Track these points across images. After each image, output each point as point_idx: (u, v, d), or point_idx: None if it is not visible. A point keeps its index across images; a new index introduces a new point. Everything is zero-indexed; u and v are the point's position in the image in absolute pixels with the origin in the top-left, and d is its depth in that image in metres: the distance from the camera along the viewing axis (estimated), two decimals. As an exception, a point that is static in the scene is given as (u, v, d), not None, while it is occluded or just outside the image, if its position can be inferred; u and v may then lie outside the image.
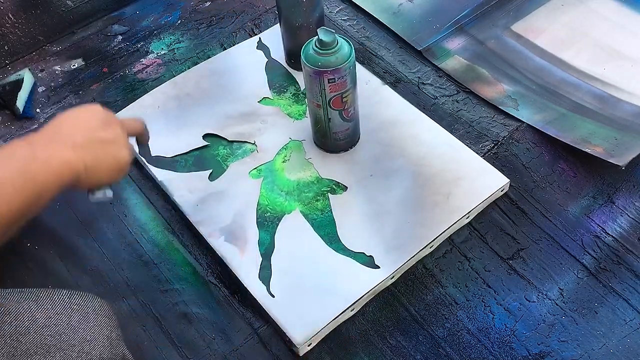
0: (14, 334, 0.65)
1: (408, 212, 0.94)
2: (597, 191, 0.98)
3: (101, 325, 0.70)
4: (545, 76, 1.11)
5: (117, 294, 0.92)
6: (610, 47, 1.13)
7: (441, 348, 0.85)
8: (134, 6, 1.31)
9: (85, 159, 0.73)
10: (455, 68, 1.13)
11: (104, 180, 0.78)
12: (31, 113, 1.15)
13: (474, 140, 1.04)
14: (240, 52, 1.17)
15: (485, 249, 0.93)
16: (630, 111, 1.05)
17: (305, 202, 0.96)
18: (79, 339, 0.67)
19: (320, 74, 0.90)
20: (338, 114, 0.95)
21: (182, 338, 0.88)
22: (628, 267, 0.90)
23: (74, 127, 0.75)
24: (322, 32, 0.88)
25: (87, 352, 0.67)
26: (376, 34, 1.20)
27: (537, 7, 1.21)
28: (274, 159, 1.01)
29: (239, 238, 0.93)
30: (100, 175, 0.76)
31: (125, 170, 0.80)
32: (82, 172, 0.73)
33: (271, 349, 0.86)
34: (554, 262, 0.91)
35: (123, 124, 0.81)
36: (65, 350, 0.65)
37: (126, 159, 0.79)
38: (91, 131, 0.76)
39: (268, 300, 0.88)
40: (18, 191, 0.65)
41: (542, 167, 1.01)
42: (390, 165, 0.99)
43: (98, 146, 0.75)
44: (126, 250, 0.97)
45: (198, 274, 0.94)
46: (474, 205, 0.94)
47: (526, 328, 0.86)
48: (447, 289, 0.90)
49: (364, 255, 0.90)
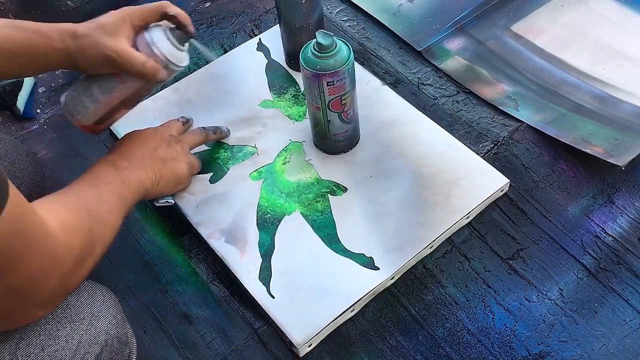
0: None
1: (408, 212, 0.94)
2: (597, 191, 0.98)
3: (107, 305, 0.74)
4: (545, 76, 1.11)
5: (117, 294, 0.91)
6: (610, 47, 1.13)
7: (441, 348, 0.85)
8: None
9: (152, 177, 0.88)
10: (455, 68, 1.13)
11: (166, 192, 0.94)
12: (31, 113, 1.15)
13: (474, 140, 1.04)
14: (241, 54, 1.17)
15: (485, 249, 0.93)
16: (630, 111, 1.05)
17: (305, 203, 0.96)
18: (87, 313, 0.71)
19: (319, 77, 0.90)
20: (337, 116, 0.95)
21: (182, 338, 0.88)
22: (628, 267, 0.90)
23: (142, 147, 0.89)
24: (320, 35, 0.88)
25: (95, 327, 0.71)
26: (376, 35, 1.20)
27: (537, 7, 1.21)
28: (274, 161, 1.01)
29: (239, 239, 0.93)
30: (163, 188, 0.91)
31: (185, 182, 0.96)
32: (150, 189, 0.88)
33: (271, 349, 0.86)
34: (554, 262, 0.91)
35: (183, 141, 0.95)
36: (75, 322, 0.70)
37: (185, 174, 0.94)
38: (155, 151, 0.90)
39: (268, 301, 0.88)
40: (120, 213, 0.79)
41: (542, 167, 1.01)
42: (390, 166, 0.99)
43: (161, 164, 0.90)
44: (126, 250, 0.97)
45: (198, 274, 0.94)
46: (474, 206, 0.94)
47: (526, 328, 0.86)
48: (447, 289, 0.90)
49: (364, 256, 0.90)
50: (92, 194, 0.78)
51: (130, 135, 0.92)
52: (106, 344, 0.71)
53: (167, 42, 0.83)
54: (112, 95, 0.85)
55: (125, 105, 0.87)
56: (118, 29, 0.80)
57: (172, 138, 0.94)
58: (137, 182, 0.85)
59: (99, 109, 0.86)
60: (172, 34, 0.83)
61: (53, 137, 1.12)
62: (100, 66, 0.82)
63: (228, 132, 1.04)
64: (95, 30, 0.80)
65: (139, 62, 0.81)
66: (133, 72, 0.82)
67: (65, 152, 1.10)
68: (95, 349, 0.70)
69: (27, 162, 0.91)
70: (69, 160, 1.08)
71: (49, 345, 0.67)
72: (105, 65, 0.81)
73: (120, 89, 0.84)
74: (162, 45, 0.82)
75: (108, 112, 0.87)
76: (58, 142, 1.11)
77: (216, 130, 1.02)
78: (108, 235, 0.76)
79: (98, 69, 0.83)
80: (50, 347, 0.67)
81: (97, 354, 0.70)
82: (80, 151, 1.09)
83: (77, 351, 0.68)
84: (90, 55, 0.80)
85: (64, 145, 1.11)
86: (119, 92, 0.85)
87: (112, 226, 0.77)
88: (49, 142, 1.11)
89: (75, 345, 0.68)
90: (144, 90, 0.86)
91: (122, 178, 0.83)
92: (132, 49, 0.81)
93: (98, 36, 0.80)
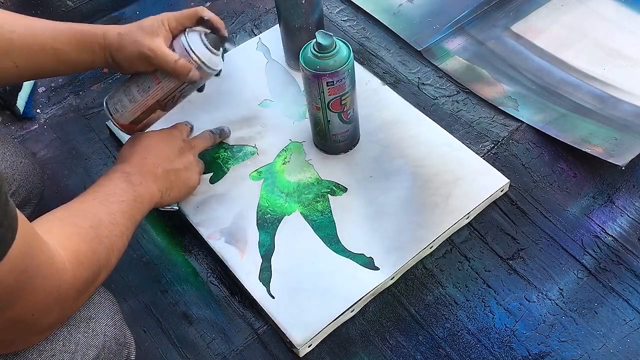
0: None
1: (408, 212, 0.94)
2: (597, 191, 0.98)
3: (105, 307, 0.74)
4: (545, 76, 1.11)
5: (117, 294, 0.91)
6: (610, 47, 1.13)
7: (441, 348, 0.85)
8: (134, 6, 1.31)
9: (163, 190, 0.88)
10: (455, 68, 1.13)
11: (174, 201, 0.93)
12: (31, 113, 1.15)
13: (473, 140, 1.04)
14: (241, 53, 1.17)
15: (485, 249, 0.93)
16: (630, 111, 1.05)
17: (305, 203, 0.96)
18: (84, 316, 0.71)
19: (318, 77, 0.90)
20: (337, 116, 0.95)
21: (183, 338, 0.88)
22: (628, 267, 0.90)
23: (157, 157, 0.89)
24: (320, 35, 0.88)
25: (92, 329, 0.71)
26: (376, 35, 1.20)
27: (537, 7, 1.21)
28: (274, 161, 1.01)
29: (239, 239, 0.93)
30: (172, 198, 0.91)
31: (192, 191, 0.96)
32: (159, 202, 0.87)
33: (271, 349, 0.86)
34: (554, 262, 0.91)
35: (195, 147, 0.95)
36: (72, 325, 0.69)
37: (195, 183, 0.94)
38: (169, 162, 0.90)
39: (268, 301, 0.88)
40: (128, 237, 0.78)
41: (542, 167, 1.01)
42: (390, 166, 0.99)
43: (173, 176, 0.90)
44: (127, 251, 0.96)
45: (198, 275, 0.94)
46: (474, 206, 0.94)
47: (526, 328, 0.86)
48: (447, 289, 0.90)
49: (364, 256, 0.90)
50: (105, 215, 0.76)
51: (142, 141, 0.90)
52: (104, 346, 0.71)
53: (201, 45, 0.87)
54: (149, 94, 0.89)
55: (162, 105, 0.91)
56: (156, 30, 0.85)
57: (185, 145, 0.93)
58: (149, 198, 0.85)
59: (136, 108, 0.90)
60: (207, 38, 0.88)
61: (53, 137, 1.12)
62: (136, 63, 0.86)
63: (229, 132, 1.04)
64: (134, 30, 0.85)
65: (172, 59, 0.85)
66: (166, 70, 0.86)
67: (65, 152, 1.10)
68: (93, 351, 0.69)
69: (26, 162, 0.91)
70: (69, 160, 1.08)
71: (46, 350, 0.66)
72: (141, 62, 0.85)
73: (156, 88, 0.89)
74: (196, 47, 0.87)
75: (144, 111, 0.91)
76: (58, 142, 1.11)
77: (221, 133, 1.02)
78: (114, 261, 0.74)
79: (134, 66, 0.87)
80: (47, 351, 0.66)
81: (94, 356, 0.70)
82: (80, 151, 1.09)
83: (75, 354, 0.68)
84: (128, 51, 0.85)
85: (64, 145, 1.11)
86: (154, 91, 0.89)
87: (119, 251, 0.76)
88: (49, 142, 1.11)
89: (72, 349, 0.68)
90: (178, 91, 0.90)
91: (135, 196, 0.81)
92: (166, 48, 0.85)
93: (137, 35, 0.85)
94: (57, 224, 0.69)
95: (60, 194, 1.03)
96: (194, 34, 0.88)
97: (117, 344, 0.73)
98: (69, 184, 1.05)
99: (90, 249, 0.69)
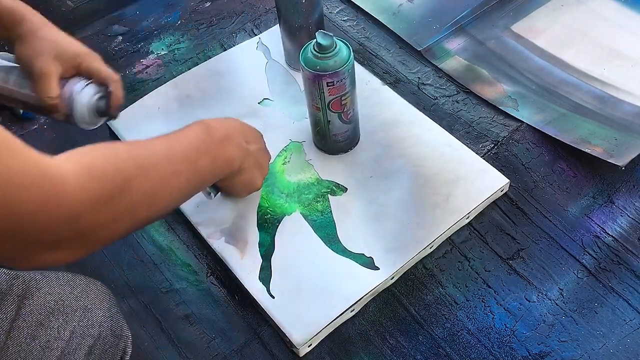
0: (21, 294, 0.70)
1: (408, 212, 0.94)
2: (597, 191, 0.98)
3: (102, 299, 0.73)
4: (545, 76, 1.11)
5: (117, 294, 0.91)
6: (610, 47, 1.13)
7: (441, 348, 0.85)
8: (134, 6, 1.31)
9: (241, 163, 0.84)
10: (455, 68, 1.13)
11: (232, 191, 0.91)
12: (31, 114, 1.15)
13: (473, 140, 1.04)
14: (240, 52, 1.17)
15: (485, 249, 0.93)
16: (630, 111, 1.05)
17: (305, 203, 0.96)
18: (80, 306, 0.71)
19: (319, 78, 0.90)
20: (337, 116, 0.95)
21: (183, 338, 0.88)
22: (628, 267, 0.90)
23: (244, 135, 0.86)
24: (320, 35, 0.88)
25: (88, 319, 0.71)
26: (376, 35, 1.20)
27: (537, 7, 1.21)
28: (274, 161, 1.01)
29: (239, 239, 0.93)
30: (235, 184, 0.88)
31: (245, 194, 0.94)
32: (233, 172, 0.83)
33: (271, 349, 0.86)
34: (554, 262, 0.91)
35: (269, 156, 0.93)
36: (68, 314, 0.69)
37: (257, 188, 0.93)
38: (255, 146, 0.88)
39: (268, 301, 0.88)
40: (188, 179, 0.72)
41: (542, 167, 1.01)
42: (390, 166, 0.99)
43: (253, 161, 0.87)
44: (127, 251, 0.97)
45: (198, 275, 0.94)
46: (474, 206, 0.94)
47: (526, 328, 0.86)
48: (447, 289, 0.90)
49: (364, 256, 0.90)
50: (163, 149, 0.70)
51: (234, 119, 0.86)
52: (99, 337, 0.71)
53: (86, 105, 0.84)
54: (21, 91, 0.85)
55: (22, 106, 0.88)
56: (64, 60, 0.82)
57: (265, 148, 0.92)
58: (225, 159, 0.80)
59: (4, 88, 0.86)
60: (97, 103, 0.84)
61: (53, 137, 1.12)
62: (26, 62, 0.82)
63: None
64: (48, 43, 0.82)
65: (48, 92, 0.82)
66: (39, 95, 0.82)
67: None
68: (88, 340, 0.70)
69: None
70: (69, 160, 1.08)
71: (40, 335, 0.67)
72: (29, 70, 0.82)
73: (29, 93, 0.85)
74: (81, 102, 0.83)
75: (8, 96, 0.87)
76: (58, 142, 1.11)
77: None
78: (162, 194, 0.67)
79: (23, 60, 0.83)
80: (41, 337, 0.67)
81: (90, 345, 0.70)
82: (80, 151, 1.09)
83: (70, 342, 0.68)
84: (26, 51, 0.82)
85: (64, 146, 1.09)
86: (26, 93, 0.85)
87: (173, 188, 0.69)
88: (48, 142, 1.11)
89: (67, 337, 0.68)
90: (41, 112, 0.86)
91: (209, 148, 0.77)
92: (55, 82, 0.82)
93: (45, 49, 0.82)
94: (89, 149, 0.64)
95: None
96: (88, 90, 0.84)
97: (113, 336, 0.73)
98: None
99: (112, 165, 0.62)
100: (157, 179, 0.67)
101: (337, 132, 0.97)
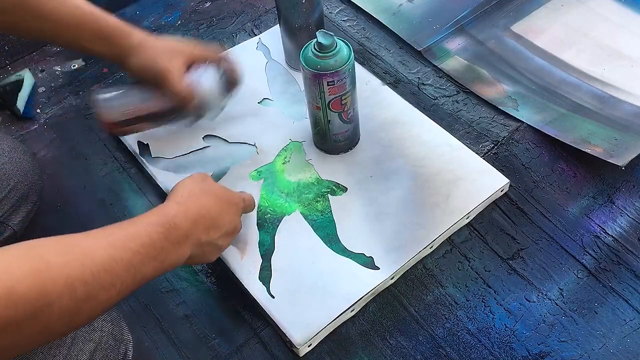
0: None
1: (408, 212, 0.94)
2: (597, 191, 0.98)
3: None
4: (545, 76, 1.11)
5: (117, 294, 0.92)
6: (610, 47, 1.13)
7: (441, 348, 0.85)
8: (134, 6, 1.31)
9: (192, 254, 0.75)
10: (455, 68, 1.13)
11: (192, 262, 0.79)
12: (31, 113, 1.15)
13: (474, 140, 1.04)
14: (240, 52, 1.17)
15: (485, 249, 0.93)
16: (630, 111, 1.05)
17: (305, 203, 0.96)
18: None
19: (319, 77, 0.90)
20: (338, 116, 0.95)
21: (183, 338, 0.88)
22: (628, 267, 0.90)
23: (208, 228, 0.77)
24: (321, 34, 0.88)
25: (89, 324, 0.70)
26: (376, 35, 1.20)
27: (537, 7, 1.21)
28: (274, 160, 1.01)
29: (239, 239, 0.93)
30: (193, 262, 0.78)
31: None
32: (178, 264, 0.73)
33: (271, 349, 0.86)
34: (554, 262, 0.91)
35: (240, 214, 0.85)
36: None
37: (210, 261, 0.82)
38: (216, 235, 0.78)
39: (268, 301, 0.88)
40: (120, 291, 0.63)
41: (542, 167, 1.01)
42: (390, 166, 0.99)
43: (211, 249, 0.79)
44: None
45: (198, 274, 0.94)
46: (474, 206, 0.94)
47: (526, 328, 0.86)
48: (447, 289, 0.90)
49: (364, 256, 0.90)
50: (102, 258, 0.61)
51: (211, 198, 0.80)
52: (100, 341, 0.71)
53: (212, 84, 0.94)
54: (145, 104, 0.95)
55: (150, 121, 0.97)
56: (178, 54, 0.92)
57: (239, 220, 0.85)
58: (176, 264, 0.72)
59: (127, 112, 0.94)
60: (220, 80, 0.95)
61: (53, 137, 1.12)
62: (146, 74, 0.92)
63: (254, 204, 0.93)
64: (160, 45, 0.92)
65: (181, 84, 0.91)
66: (172, 91, 0.91)
67: (65, 152, 1.10)
68: (89, 346, 0.70)
69: (25, 158, 0.91)
70: (69, 161, 1.08)
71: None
72: (151, 75, 0.91)
73: (155, 103, 0.94)
74: (207, 84, 0.94)
75: (133, 118, 0.95)
76: (58, 142, 1.11)
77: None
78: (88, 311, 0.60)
79: (143, 74, 0.92)
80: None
81: (91, 350, 0.70)
82: (80, 151, 1.09)
83: (71, 348, 0.68)
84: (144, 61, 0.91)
85: (64, 145, 1.11)
86: (152, 104, 0.94)
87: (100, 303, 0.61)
88: (48, 142, 1.11)
89: (69, 343, 0.68)
90: (172, 115, 0.96)
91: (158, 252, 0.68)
92: (181, 72, 0.91)
93: (159, 50, 0.91)
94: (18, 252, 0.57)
95: (60, 194, 1.03)
96: (210, 71, 0.94)
97: (114, 340, 0.73)
98: (69, 184, 1.05)
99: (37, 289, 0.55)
100: (84, 296, 0.59)
101: (337, 131, 0.97)
